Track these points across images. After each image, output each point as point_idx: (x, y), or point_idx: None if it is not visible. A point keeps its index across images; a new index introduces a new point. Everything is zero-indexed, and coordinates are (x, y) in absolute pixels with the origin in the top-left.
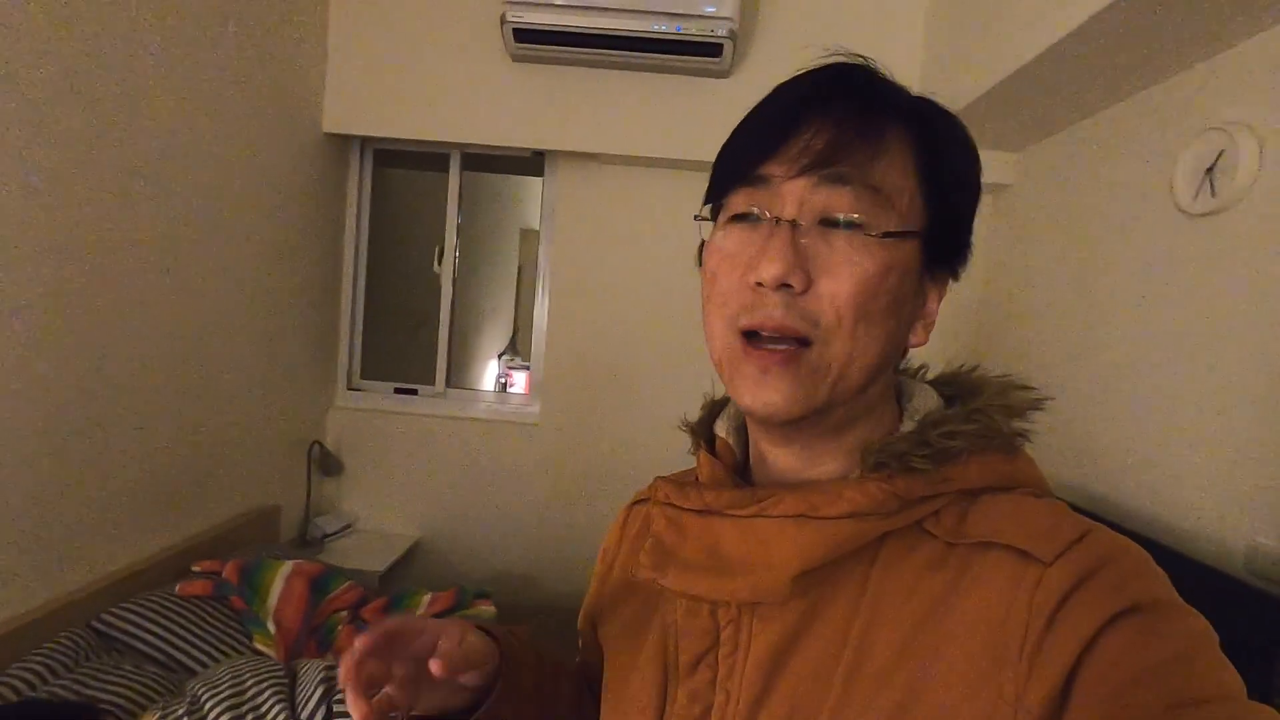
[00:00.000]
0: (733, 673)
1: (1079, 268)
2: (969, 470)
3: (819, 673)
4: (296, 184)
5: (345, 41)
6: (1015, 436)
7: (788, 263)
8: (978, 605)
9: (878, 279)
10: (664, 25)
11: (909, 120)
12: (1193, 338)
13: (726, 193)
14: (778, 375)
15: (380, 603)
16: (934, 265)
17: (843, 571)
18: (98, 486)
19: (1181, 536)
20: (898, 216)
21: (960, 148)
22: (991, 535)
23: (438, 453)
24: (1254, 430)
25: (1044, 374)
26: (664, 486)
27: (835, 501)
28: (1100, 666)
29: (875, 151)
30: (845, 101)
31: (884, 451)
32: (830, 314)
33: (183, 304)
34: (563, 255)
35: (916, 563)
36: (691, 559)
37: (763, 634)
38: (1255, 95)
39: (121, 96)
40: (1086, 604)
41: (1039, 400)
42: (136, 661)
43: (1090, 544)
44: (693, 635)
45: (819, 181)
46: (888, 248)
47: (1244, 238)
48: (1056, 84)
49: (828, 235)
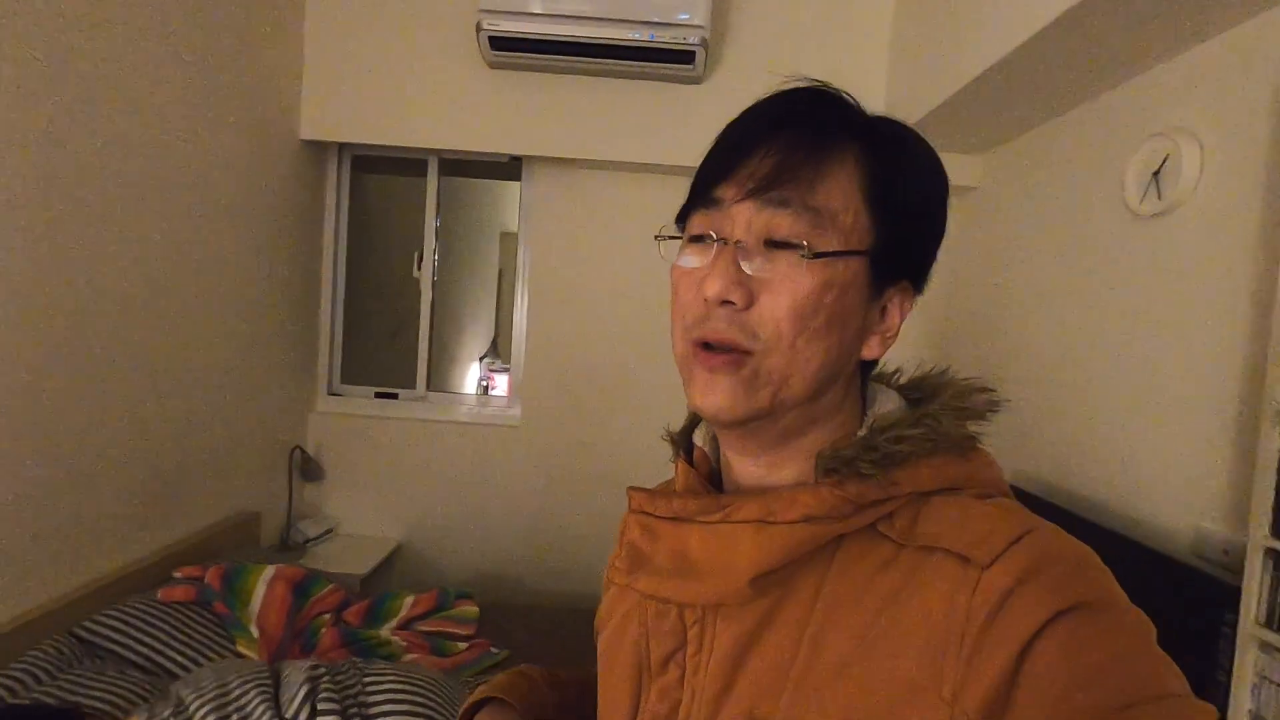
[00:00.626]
0: (698, 671)
1: (1039, 266)
2: (920, 473)
3: (775, 670)
4: (274, 191)
5: (322, 49)
6: (965, 439)
7: (728, 281)
8: (921, 607)
9: (815, 296)
10: (637, 33)
11: (860, 142)
12: (1141, 332)
13: (690, 214)
14: (723, 378)
15: (363, 605)
16: (889, 280)
17: (801, 573)
18: (78, 494)
19: (1130, 522)
20: (839, 237)
21: (916, 166)
22: (934, 540)
23: (419, 456)
24: (1198, 419)
25: (1002, 367)
26: (636, 495)
27: (791, 507)
28: (1041, 669)
29: (818, 174)
30: (795, 126)
31: (835, 457)
32: (770, 329)
33: (161, 311)
34: (541, 259)
35: (870, 565)
36: (662, 564)
37: (725, 634)
38: (1197, 102)
39: (96, 106)
40: (1024, 605)
41: (996, 402)
42: (119, 667)
43: (1028, 545)
44: (662, 636)
45: (763, 204)
46: (826, 266)
47: (1188, 238)
48: (1017, 89)
49: (771, 255)
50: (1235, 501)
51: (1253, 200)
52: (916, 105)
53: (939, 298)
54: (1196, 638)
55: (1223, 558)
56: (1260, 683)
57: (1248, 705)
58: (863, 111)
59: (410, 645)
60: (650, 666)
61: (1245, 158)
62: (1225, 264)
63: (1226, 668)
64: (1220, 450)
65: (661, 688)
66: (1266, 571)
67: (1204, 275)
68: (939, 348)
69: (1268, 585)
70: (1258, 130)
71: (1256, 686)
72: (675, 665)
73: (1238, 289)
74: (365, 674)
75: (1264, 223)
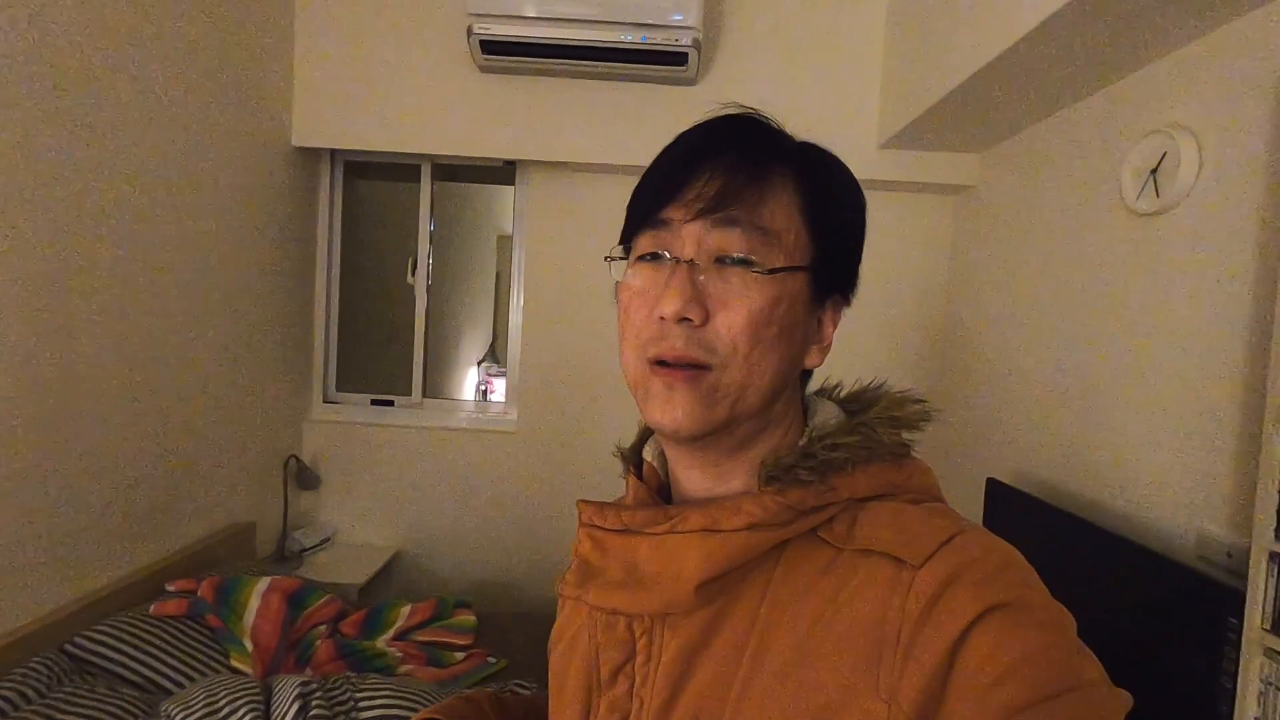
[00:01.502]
0: (646, 681)
1: (1037, 265)
2: (856, 480)
3: (721, 678)
4: (267, 198)
5: (312, 55)
6: (899, 446)
7: (686, 298)
8: (860, 609)
9: (768, 310)
10: (630, 35)
11: (793, 165)
12: (1141, 332)
13: (635, 235)
14: (682, 393)
15: (359, 616)
16: (825, 294)
17: (746, 581)
18: (68, 506)
19: (1132, 525)
20: (785, 254)
21: (842, 187)
22: (870, 543)
23: (416, 463)
24: (1199, 420)
25: (1000, 367)
26: (586, 509)
27: (734, 515)
28: (969, 665)
29: (763, 195)
30: (736, 150)
31: (776, 466)
32: (726, 343)
33: (153, 320)
34: (536, 263)
35: (811, 569)
36: (612, 576)
37: (672, 643)
38: (1194, 99)
39: (88, 114)
40: (953, 604)
41: (928, 412)
42: (111, 684)
43: (956, 546)
44: (611, 648)
45: (713, 224)
46: (776, 282)
47: (1187, 236)
48: (1013, 87)
49: (723, 273)
50: (1238, 504)
51: (1253, 197)
52: (912, 103)
53: (934, 296)
54: (1200, 642)
55: (1226, 560)
56: (1266, 689)
57: (1254, 711)
58: (791, 137)
59: (407, 656)
60: (600, 680)
61: (1244, 154)
62: (1225, 262)
63: (1231, 672)
64: (1222, 452)
65: (611, 700)
66: (1272, 576)
67: (1204, 273)
68: (936, 348)
69: (1273, 590)
70: (1257, 126)
71: (1263, 693)
72: (624, 677)
73: (1239, 287)
74: (358, 689)
75: (1264, 220)
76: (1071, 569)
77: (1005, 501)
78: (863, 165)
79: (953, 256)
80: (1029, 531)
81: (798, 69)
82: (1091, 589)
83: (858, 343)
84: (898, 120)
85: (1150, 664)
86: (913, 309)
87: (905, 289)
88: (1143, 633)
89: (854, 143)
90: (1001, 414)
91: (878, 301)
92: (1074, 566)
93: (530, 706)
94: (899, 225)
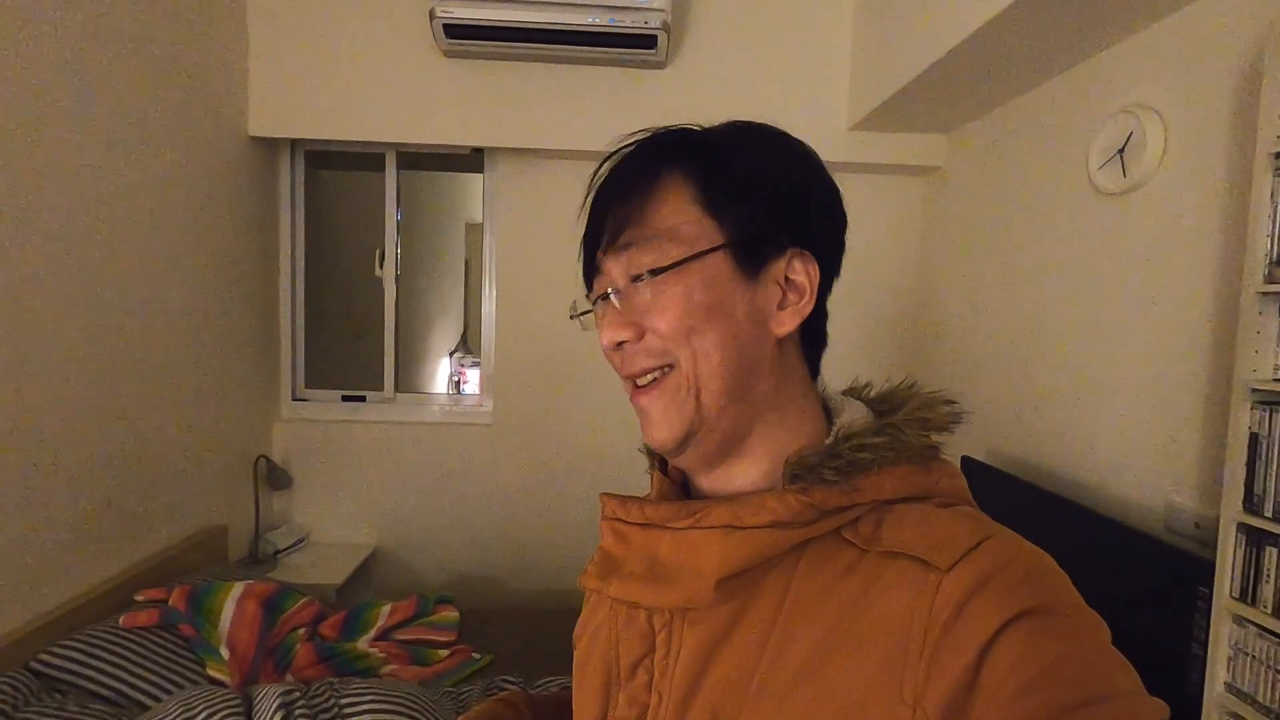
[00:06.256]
0: (665, 675)
1: (1006, 244)
2: (882, 481)
3: (740, 674)
4: (225, 190)
5: (267, 41)
6: (928, 448)
7: (616, 327)
8: (884, 611)
9: (684, 300)
10: (597, 18)
11: (684, 160)
12: (1109, 309)
13: (589, 283)
14: (658, 406)
15: (339, 617)
16: (766, 257)
17: (768, 578)
18: (28, 517)
19: (1102, 498)
20: (686, 245)
21: (748, 152)
22: (897, 545)
23: (390, 459)
24: (1167, 395)
25: (971, 346)
26: (609, 502)
27: (758, 512)
28: (997, 672)
29: (647, 207)
30: (626, 178)
31: (799, 464)
32: (662, 344)
33: (112, 320)
34: (508, 251)
35: (834, 570)
36: (634, 569)
37: (692, 637)
38: (1159, 79)
39: (22, 106)
40: (981, 609)
41: (958, 414)
42: (82, 701)
43: (986, 550)
44: (631, 641)
45: (618, 253)
46: (684, 273)
47: (1154, 215)
48: (982, 68)
49: (639, 289)
50: (1205, 476)
51: (1218, 175)
52: (881, 85)
53: (905, 277)
54: (1170, 611)
55: (1194, 531)
56: (1235, 655)
57: (1224, 677)
58: (694, 132)
59: (390, 656)
60: (620, 673)
61: (1209, 133)
62: (1191, 240)
63: (1201, 640)
64: (1190, 426)
65: (630, 694)
66: (1240, 546)
67: (1171, 251)
68: (908, 328)
69: (1241, 560)
70: (1221, 105)
71: (1232, 659)
72: (644, 670)
73: (1205, 265)
74: (342, 695)
75: (1229, 198)
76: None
77: (979, 479)
78: (832, 147)
79: (923, 237)
80: (1003, 508)
81: (767, 52)
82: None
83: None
84: (867, 102)
85: (1121, 633)
86: (884, 290)
87: (876, 270)
88: (1114, 603)
89: (823, 125)
90: (974, 393)
91: (849, 284)
92: (1048, 540)
93: (562, 704)
94: (869, 207)
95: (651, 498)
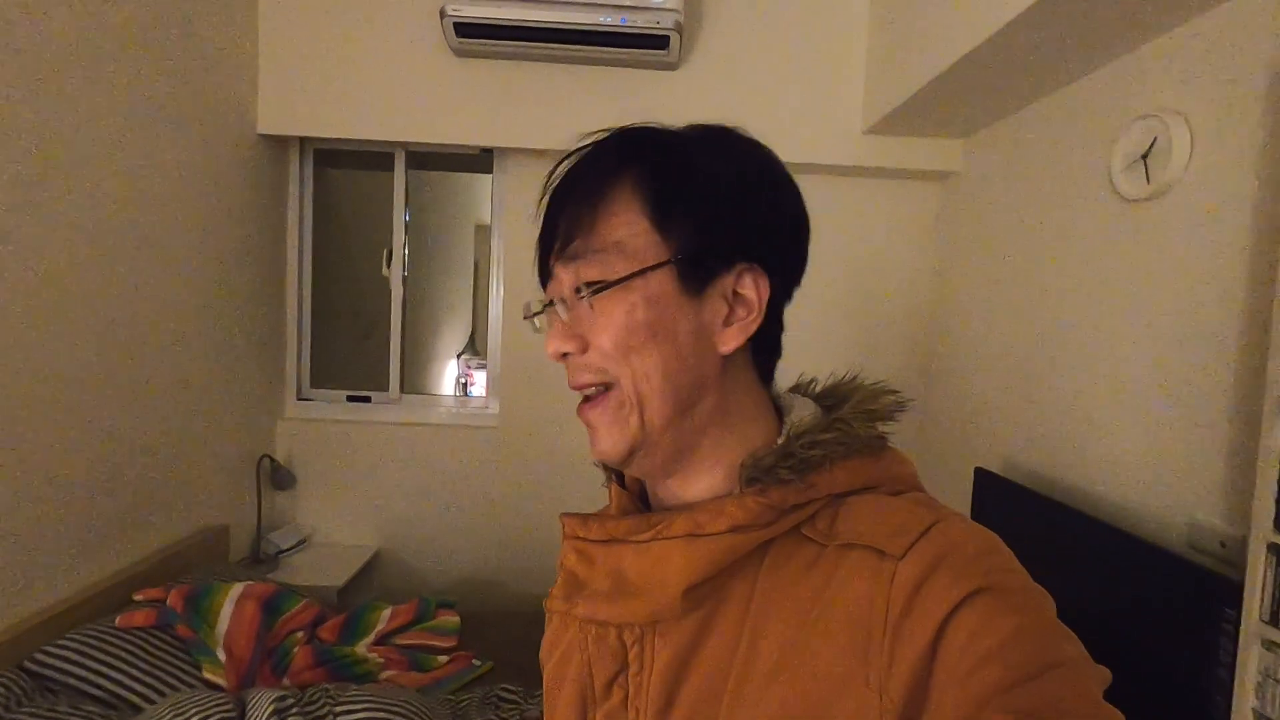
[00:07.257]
0: (640, 691)
1: (1024, 251)
2: (835, 475)
3: (714, 681)
4: (233, 189)
5: (277, 38)
6: (876, 439)
7: (561, 338)
8: (846, 602)
9: (626, 318)
10: (609, 18)
11: (638, 167)
12: (1133, 320)
13: (544, 284)
14: (602, 422)
15: (338, 620)
16: (713, 273)
17: (733, 583)
18: (27, 514)
19: (1123, 515)
20: (628, 261)
21: (701, 161)
22: (853, 537)
23: (394, 460)
24: (1193, 410)
25: (990, 355)
26: (569, 522)
27: (718, 518)
28: (952, 651)
29: (597, 217)
30: (580, 184)
31: (755, 467)
32: (603, 360)
33: (118, 317)
34: (516, 253)
35: (796, 567)
36: (599, 587)
37: (664, 650)
38: (1186, 81)
39: (48, 105)
40: (935, 592)
41: (902, 404)
42: (75, 702)
43: (935, 535)
44: (603, 660)
45: (566, 262)
46: (627, 290)
47: (1180, 222)
48: (1000, 72)
49: (583, 302)
50: (1232, 493)
51: (1247, 182)
52: (897, 88)
53: (920, 284)
54: (1193, 633)
55: (1219, 550)
56: (1265, 681)
57: (1252, 703)
58: (651, 136)
59: (389, 662)
60: (595, 694)
61: (1238, 138)
62: (1219, 249)
63: (1227, 664)
64: (1216, 442)
65: (606, 713)
66: (1270, 567)
67: (1197, 260)
68: (922, 336)
69: (1271, 581)
70: (1250, 109)
71: (1261, 685)
72: (619, 688)
73: (1233, 275)
74: (337, 701)
75: (1259, 205)
76: (1062, 559)
77: (993, 491)
78: (846, 151)
79: (938, 243)
80: (1018, 522)
81: (781, 54)
82: (1082, 579)
83: (843, 331)
84: (882, 106)
85: (1142, 654)
86: (898, 296)
87: (890, 277)
88: (1135, 623)
89: (838, 129)
90: (989, 403)
91: (863, 289)
92: (1064, 556)
93: None
94: (883, 212)
95: (611, 512)
